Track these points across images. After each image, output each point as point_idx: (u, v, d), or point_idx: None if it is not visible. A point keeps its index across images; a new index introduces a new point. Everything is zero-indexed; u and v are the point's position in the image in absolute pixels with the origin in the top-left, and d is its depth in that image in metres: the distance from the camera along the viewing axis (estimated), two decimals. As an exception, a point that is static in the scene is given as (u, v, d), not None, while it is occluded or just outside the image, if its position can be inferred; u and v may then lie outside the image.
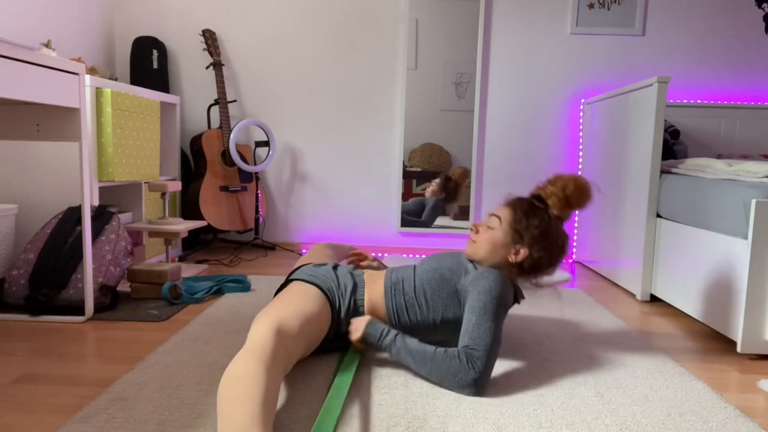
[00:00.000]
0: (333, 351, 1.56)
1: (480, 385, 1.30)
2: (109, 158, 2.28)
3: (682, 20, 3.16)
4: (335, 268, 1.61)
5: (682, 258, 2.02)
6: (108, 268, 1.94)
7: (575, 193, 1.49)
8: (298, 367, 1.44)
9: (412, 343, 1.38)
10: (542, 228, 1.48)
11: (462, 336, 1.36)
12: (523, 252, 1.49)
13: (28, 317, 1.80)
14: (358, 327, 1.44)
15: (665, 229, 2.17)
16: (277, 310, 1.27)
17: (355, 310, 1.52)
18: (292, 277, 1.57)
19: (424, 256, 2.99)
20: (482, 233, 1.53)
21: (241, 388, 0.99)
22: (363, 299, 1.54)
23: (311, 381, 1.35)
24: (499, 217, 1.52)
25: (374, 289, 1.55)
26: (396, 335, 1.40)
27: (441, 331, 1.51)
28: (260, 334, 1.15)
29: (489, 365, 1.31)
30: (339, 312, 1.49)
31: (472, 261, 1.56)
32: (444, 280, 1.51)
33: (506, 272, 1.51)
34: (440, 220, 3.26)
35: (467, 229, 3.25)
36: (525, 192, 1.66)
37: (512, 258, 1.50)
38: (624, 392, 1.35)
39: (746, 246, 1.62)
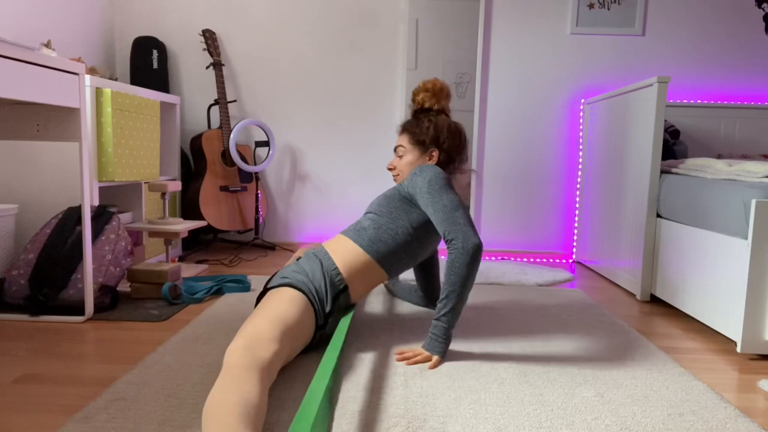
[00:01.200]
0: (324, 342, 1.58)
1: (476, 243, 1.46)
2: (109, 158, 2.28)
3: (682, 20, 3.16)
4: (299, 258, 1.64)
5: (682, 258, 2.02)
6: (108, 268, 1.94)
7: (435, 84, 1.79)
8: (288, 368, 1.44)
9: (441, 308, 1.48)
10: (434, 124, 1.76)
11: (439, 231, 1.52)
12: (435, 152, 1.76)
13: (28, 317, 1.80)
14: (423, 357, 1.49)
15: (665, 229, 2.17)
16: (250, 327, 1.27)
17: (332, 283, 1.53)
18: (267, 285, 1.58)
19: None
20: (398, 164, 1.78)
21: (223, 415, 0.97)
22: (335, 266, 1.57)
23: (293, 384, 1.36)
24: (401, 146, 1.78)
25: (342, 249, 1.61)
26: (440, 328, 1.49)
27: (421, 236, 1.65)
28: (234, 355, 1.14)
29: (469, 225, 1.49)
30: (318, 299, 1.49)
31: None
32: (388, 197, 1.69)
33: None
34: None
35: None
36: (525, 192, 1.70)
37: (431, 163, 1.75)
38: (624, 392, 1.35)
39: (746, 246, 1.62)
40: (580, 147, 3.18)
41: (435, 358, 1.48)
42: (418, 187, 1.60)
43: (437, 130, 1.76)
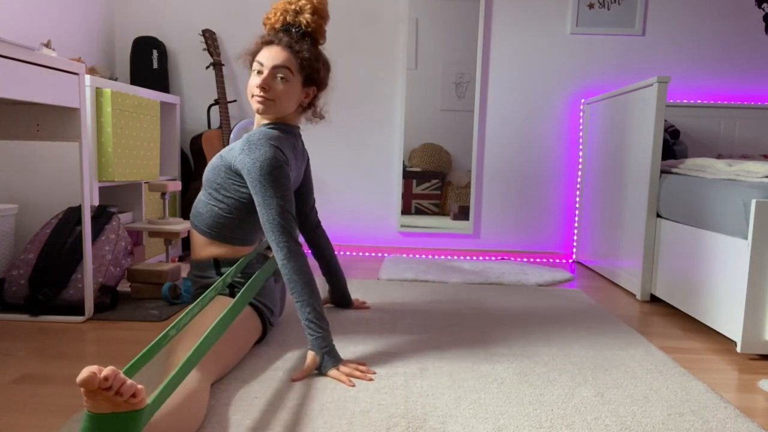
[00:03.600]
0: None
1: (290, 252, 1.40)
2: (109, 158, 2.28)
3: (682, 20, 3.16)
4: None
5: (682, 258, 2.02)
6: (108, 268, 1.94)
7: (323, 4, 1.57)
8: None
9: (300, 311, 1.41)
10: (323, 59, 1.58)
11: (263, 227, 1.44)
12: (312, 92, 1.59)
13: (28, 317, 1.80)
14: (309, 365, 1.39)
15: (665, 229, 2.17)
16: (221, 363, 1.31)
17: (216, 265, 1.56)
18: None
19: (424, 257, 2.98)
20: (277, 90, 1.50)
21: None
22: (194, 260, 1.59)
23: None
24: (288, 68, 1.50)
25: (195, 245, 1.59)
26: (314, 337, 1.40)
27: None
28: (202, 384, 1.15)
29: (292, 231, 1.41)
30: (231, 289, 1.52)
31: (263, 121, 1.58)
32: (214, 167, 1.54)
33: (288, 119, 1.59)
34: (440, 220, 3.26)
35: (467, 229, 3.25)
36: (525, 192, 1.67)
37: (304, 102, 1.59)
38: (624, 392, 1.35)
39: (746, 246, 1.62)
40: (580, 147, 3.18)
41: (316, 364, 1.39)
42: (247, 170, 1.45)
43: (326, 66, 1.59)
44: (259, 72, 1.51)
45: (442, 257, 3.10)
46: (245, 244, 1.59)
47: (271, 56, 1.50)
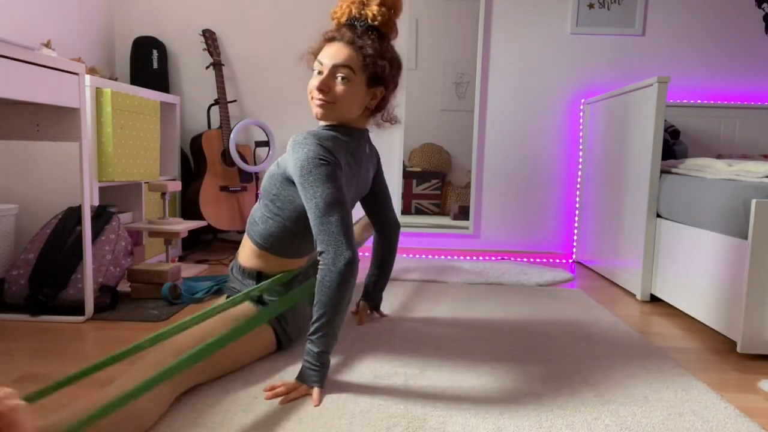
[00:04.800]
0: None
1: (348, 259, 1.24)
2: (109, 158, 2.28)
3: (682, 20, 3.16)
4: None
5: (682, 258, 2.02)
6: (108, 268, 1.94)
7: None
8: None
9: (313, 331, 1.27)
10: (393, 55, 1.42)
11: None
12: (380, 92, 1.42)
13: (28, 317, 1.80)
14: (299, 392, 1.27)
15: (665, 229, 2.17)
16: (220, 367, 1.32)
17: (251, 275, 1.53)
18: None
19: (424, 257, 2.98)
20: (339, 91, 1.36)
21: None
22: (239, 264, 1.55)
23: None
24: (349, 67, 1.35)
25: (244, 252, 1.54)
26: (312, 354, 1.27)
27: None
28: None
29: (343, 235, 1.25)
30: (258, 298, 1.48)
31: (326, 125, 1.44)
32: (271, 175, 1.44)
33: (352, 123, 1.44)
34: (440, 220, 3.26)
35: (467, 229, 3.25)
36: (525, 192, 1.65)
37: (371, 104, 1.43)
38: (624, 392, 1.35)
39: (746, 246, 1.62)
40: (580, 147, 3.18)
41: (314, 390, 1.25)
42: (291, 171, 1.34)
43: (395, 63, 1.43)
44: (320, 72, 1.37)
45: (442, 257, 3.10)
46: (299, 257, 1.53)
47: (331, 54, 1.35)
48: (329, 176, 1.30)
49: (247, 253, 1.54)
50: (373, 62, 1.37)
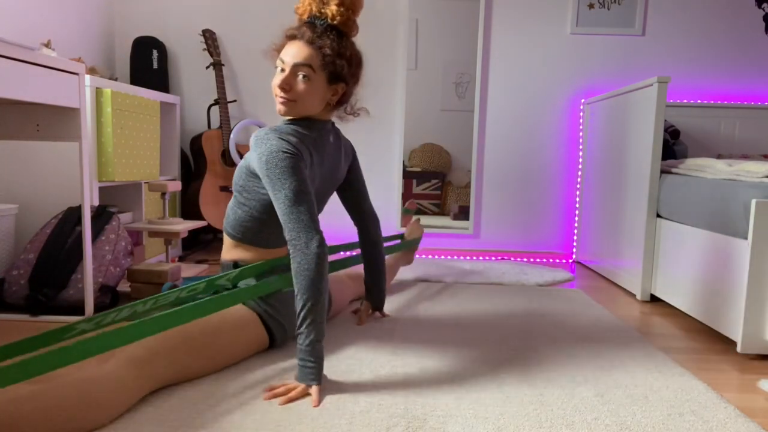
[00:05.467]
0: None
1: (317, 245, 1.28)
2: (109, 158, 2.28)
3: (682, 20, 3.16)
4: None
5: (682, 258, 2.02)
6: (108, 268, 1.94)
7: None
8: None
9: (300, 322, 1.28)
10: (353, 52, 1.48)
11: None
12: (341, 88, 1.48)
13: (28, 317, 1.80)
14: (298, 392, 1.26)
15: (665, 229, 2.17)
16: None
17: (228, 267, 1.57)
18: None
19: (424, 257, 2.98)
20: (299, 89, 1.41)
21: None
22: (221, 258, 1.61)
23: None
24: (309, 66, 1.40)
25: (225, 244, 1.61)
26: (304, 351, 1.27)
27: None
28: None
29: (311, 222, 1.30)
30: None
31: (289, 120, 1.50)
32: (238, 168, 1.52)
33: (315, 116, 1.50)
34: (440, 220, 3.26)
35: (467, 229, 3.25)
36: (525, 192, 1.65)
37: (332, 100, 1.49)
38: (624, 392, 1.35)
39: (746, 246, 1.62)
40: (580, 147, 3.18)
41: (313, 389, 1.25)
42: (255, 166, 1.40)
43: (354, 60, 1.48)
44: (282, 70, 1.43)
45: (442, 257, 3.10)
46: (270, 247, 1.56)
47: (292, 53, 1.41)
48: (293, 168, 1.35)
49: (225, 247, 1.60)
50: (332, 61, 1.42)
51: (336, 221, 3.35)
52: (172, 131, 2.99)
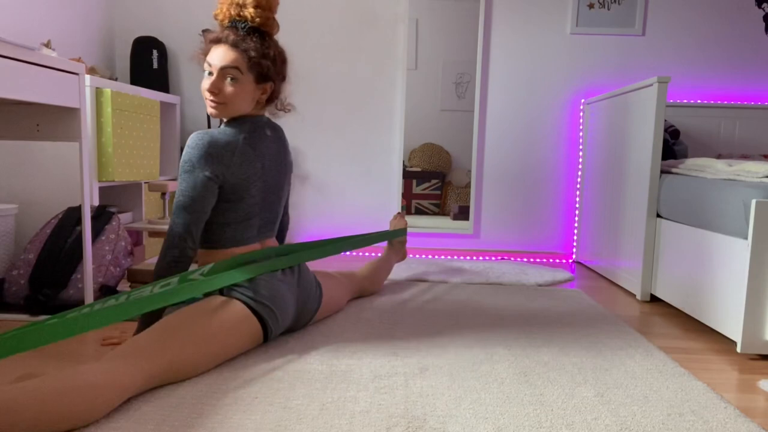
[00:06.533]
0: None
1: (173, 231, 1.43)
2: (109, 158, 2.28)
3: (682, 20, 3.16)
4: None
5: (682, 258, 2.02)
6: (108, 268, 1.94)
7: None
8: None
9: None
10: (277, 51, 1.53)
11: None
12: (269, 87, 1.55)
13: (28, 317, 1.80)
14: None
15: (665, 229, 2.17)
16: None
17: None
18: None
19: (424, 257, 2.98)
20: (228, 91, 1.48)
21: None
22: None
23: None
24: (237, 68, 1.47)
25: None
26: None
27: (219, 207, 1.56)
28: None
29: (175, 224, 1.43)
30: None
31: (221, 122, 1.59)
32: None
33: (249, 113, 1.56)
34: (440, 221, 3.26)
35: (467, 229, 3.25)
36: (525, 192, 1.66)
37: (262, 99, 1.56)
38: (624, 392, 1.35)
39: (746, 246, 1.62)
40: (580, 147, 3.18)
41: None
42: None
43: (279, 59, 1.54)
44: (210, 73, 1.49)
45: (442, 257, 3.10)
46: (242, 244, 1.57)
47: (219, 57, 1.47)
48: (200, 166, 1.45)
49: (200, 260, 1.62)
50: (258, 62, 1.48)
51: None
52: (172, 131, 2.99)
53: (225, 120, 1.57)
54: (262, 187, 1.58)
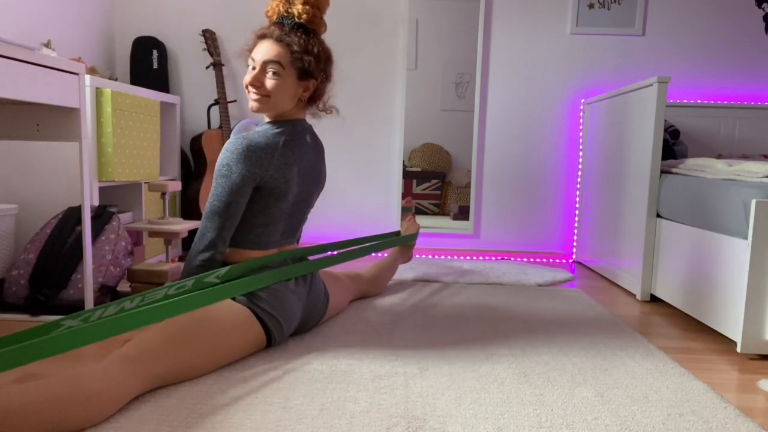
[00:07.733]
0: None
1: (205, 236, 1.47)
2: (109, 158, 2.28)
3: (682, 20, 3.16)
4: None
5: (682, 258, 2.02)
6: (108, 268, 1.94)
7: None
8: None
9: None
10: (322, 49, 1.54)
11: None
12: (311, 84, 1.54)
13: (28, 317, 1.80)
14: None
15: (665, 229, 2.17)
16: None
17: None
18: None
19: (424, 257, 2.98)
20: (270, 86, 1.49)
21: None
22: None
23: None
24: (279, 63, 1.47)
25: None
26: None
27: (254, 207, 1.57)
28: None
29: (207, 229, 1.46)
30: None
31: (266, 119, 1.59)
32: None
33: (289, 115, 1.56)
34: (440, 221, 3.26)
35: (467, 229, 3.25)
36: (525, 192, 1.66)
37: (303, 96, 1.55)
38: (624, 392, 1.35)
39: (746, 246, 1.62)
40: (580, 147, 3.18)
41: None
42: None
43: (324, 57, 1.54)
44: (253, 68, 1.51)
45: (442, 257, 3.10)
46: (261, 248, 1.57)
47: (262, 51, 1.49)
48: (223, 179, 1.46)
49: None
50: (300, 57, 1.49)
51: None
52: (172, 131, 2.99)
53: (266, 119, 1.58)
54: (296, 192, 1.58)
